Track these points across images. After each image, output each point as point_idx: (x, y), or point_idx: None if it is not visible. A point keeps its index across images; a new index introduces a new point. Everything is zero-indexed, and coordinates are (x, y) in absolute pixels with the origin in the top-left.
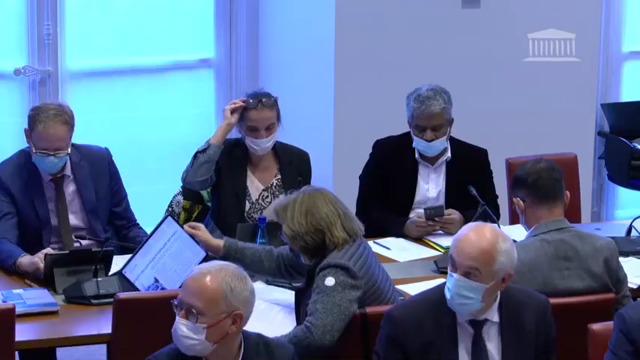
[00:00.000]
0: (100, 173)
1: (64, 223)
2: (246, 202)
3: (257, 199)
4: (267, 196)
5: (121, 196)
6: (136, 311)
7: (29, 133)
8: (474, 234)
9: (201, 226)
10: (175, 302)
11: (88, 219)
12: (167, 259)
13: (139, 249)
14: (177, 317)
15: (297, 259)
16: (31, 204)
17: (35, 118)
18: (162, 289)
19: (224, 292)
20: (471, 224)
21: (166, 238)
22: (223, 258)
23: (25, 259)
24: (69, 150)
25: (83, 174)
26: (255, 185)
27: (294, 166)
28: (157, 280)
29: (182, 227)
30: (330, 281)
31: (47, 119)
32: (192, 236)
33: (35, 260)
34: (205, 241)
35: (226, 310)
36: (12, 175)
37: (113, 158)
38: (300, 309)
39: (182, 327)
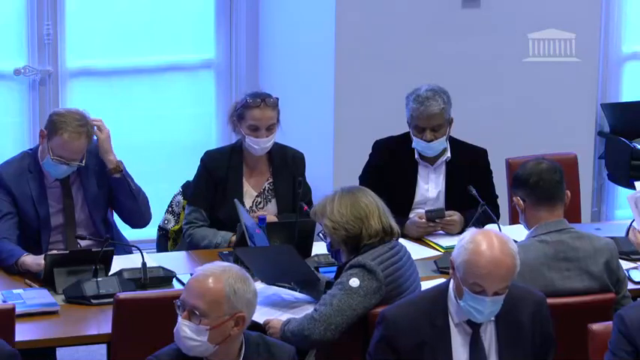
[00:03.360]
0: (102, 168)
1: (69, 221)
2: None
3: (251, 206)
4: (260, 202)
5: None
6: (136, 311)
7: (47, 136)
8: (497, 251)
9: None
10: (178, 303)
11: (88, 209)
12: None
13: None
14: (179, 318)
15: (337, 259)
16: (32, 205)
17: (60, 126)
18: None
19: (227, 294)
20: (473, 236)
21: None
22: None
23: (28, 258)
24: (83, 162)
25: (85, 165)
26: (249, 194)
27: (289, 166)
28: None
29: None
30: (354, 282)
31: (72, 132)
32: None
33: (40, 262)
34: None
35: (229, 312)
36: (14, 175)
37: None
38: None
39: (185, 328)
